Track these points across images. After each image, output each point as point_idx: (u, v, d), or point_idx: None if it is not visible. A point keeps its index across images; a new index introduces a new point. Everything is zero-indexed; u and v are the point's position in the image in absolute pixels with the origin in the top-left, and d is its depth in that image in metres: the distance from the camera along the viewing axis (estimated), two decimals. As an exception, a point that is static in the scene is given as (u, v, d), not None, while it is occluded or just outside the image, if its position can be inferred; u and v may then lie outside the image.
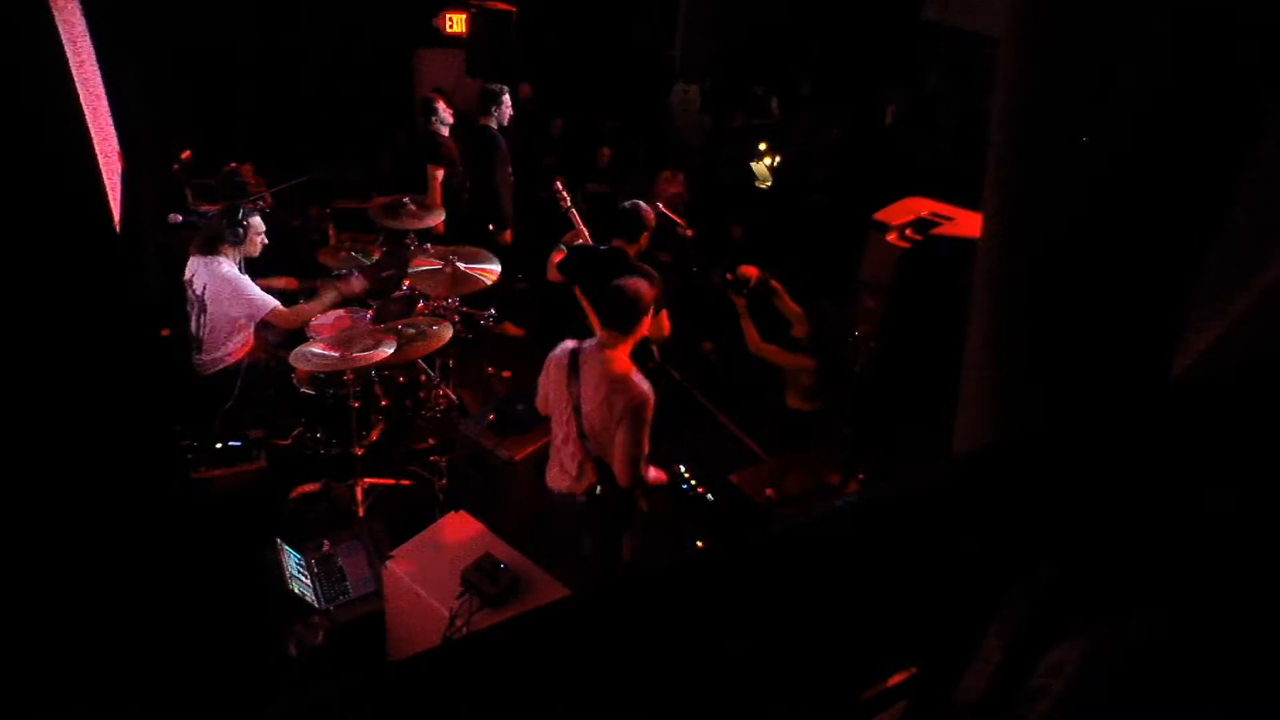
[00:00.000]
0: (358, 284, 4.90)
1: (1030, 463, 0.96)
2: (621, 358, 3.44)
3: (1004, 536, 0.92)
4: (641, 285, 3.47)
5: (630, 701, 0.68)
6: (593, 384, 3.43)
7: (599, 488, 3.56)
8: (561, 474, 3.64)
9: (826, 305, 4.46)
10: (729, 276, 4.52)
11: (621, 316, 3.43)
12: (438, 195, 6.23)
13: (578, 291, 4.12)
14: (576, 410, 3.48)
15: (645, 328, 3.53)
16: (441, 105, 6.41)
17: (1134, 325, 1.35)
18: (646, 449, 3.48)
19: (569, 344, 3.62)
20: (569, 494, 3.63)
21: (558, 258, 4.74)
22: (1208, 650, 1.30)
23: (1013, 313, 1.36)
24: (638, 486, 3.55)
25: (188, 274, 4.55)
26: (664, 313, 4.42)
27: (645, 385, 3.40)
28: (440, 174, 6.26)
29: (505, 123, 6.20)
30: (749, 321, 4.45)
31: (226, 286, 4.46)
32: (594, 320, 3.91)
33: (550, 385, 3.62)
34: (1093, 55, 1.20)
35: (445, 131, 6.37)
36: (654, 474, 3.72)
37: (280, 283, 5.15)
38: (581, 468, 3.57)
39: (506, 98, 6.14)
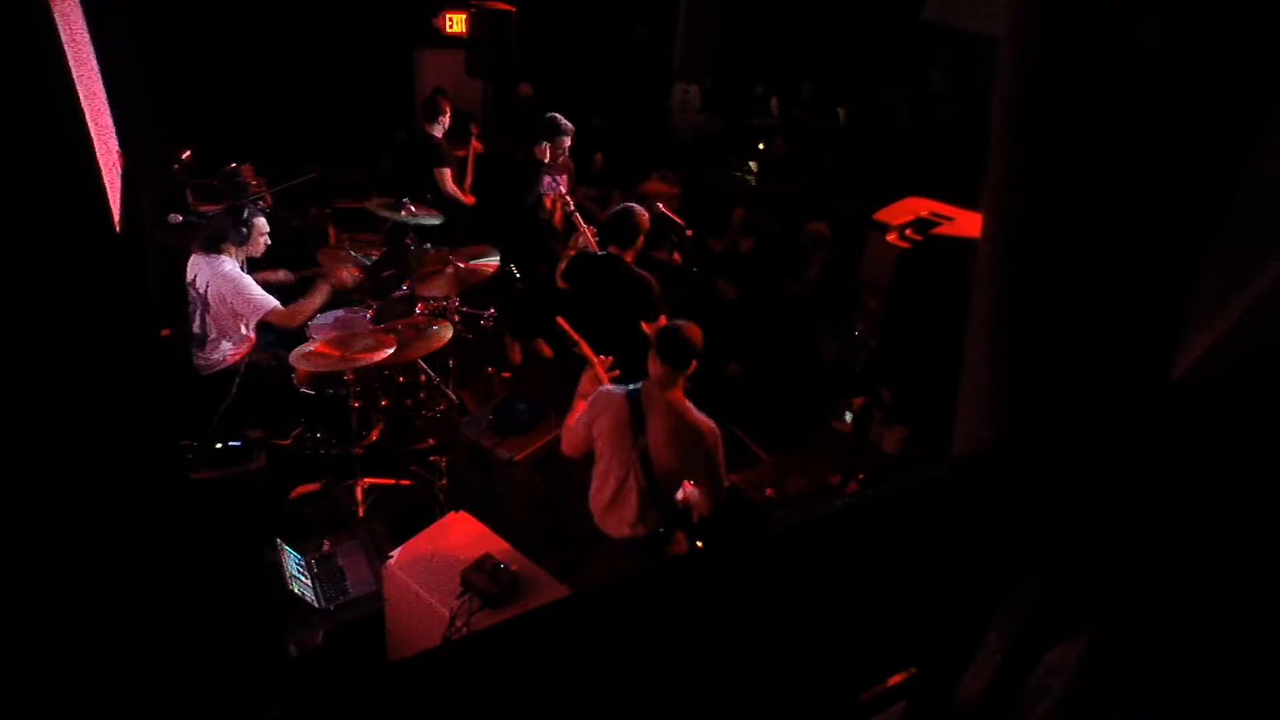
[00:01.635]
0: (347, 276, 4.84)
1: (1030, 463, 0.96)
2: (681, 398, 3.47)
3: (1004, 536, 0.92)
4: (695, 329, 3.50)
5: (630, 701, 0.68)
6: (661, 429, 3.42)
7: (662, 529, 3.56)
8: (620, 522, 3.57)
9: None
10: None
11: (678, 353, 3.44)
12: (454, 188, 6.40)
13: (565, 325, 4.06)
14: (644, 457, 3.45)
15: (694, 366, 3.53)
16: (448, 109, 6.45)
17: (1134, 325, 1.35)
18: (726, 481, 3.55)
19: (616, 390, 3.55)
20: (630, 538, 3.59)
21: (564, 265, 4.75)
22: (1208, 650, 1.30)
23: (1012, 312, 1.36)
24: (719, 511, 3.58)
25: (190, 273, 4.56)
26: (663, 317, 4.42)
27: (708, 419, 3.46)
28: (449, 173, 6.35)
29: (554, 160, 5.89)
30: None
31: (229, 285, 4.46)
32: (587, 351, 3.88)
33: (604, 429, 3.53)
34: (1093, 55, 1.20)
35: (440, 134, 6.44)
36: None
37: (278, 275, 5.15)
38: (644, 512, 3.53)
39: (567, 141, 5.78)
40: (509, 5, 7.11)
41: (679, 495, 3.62)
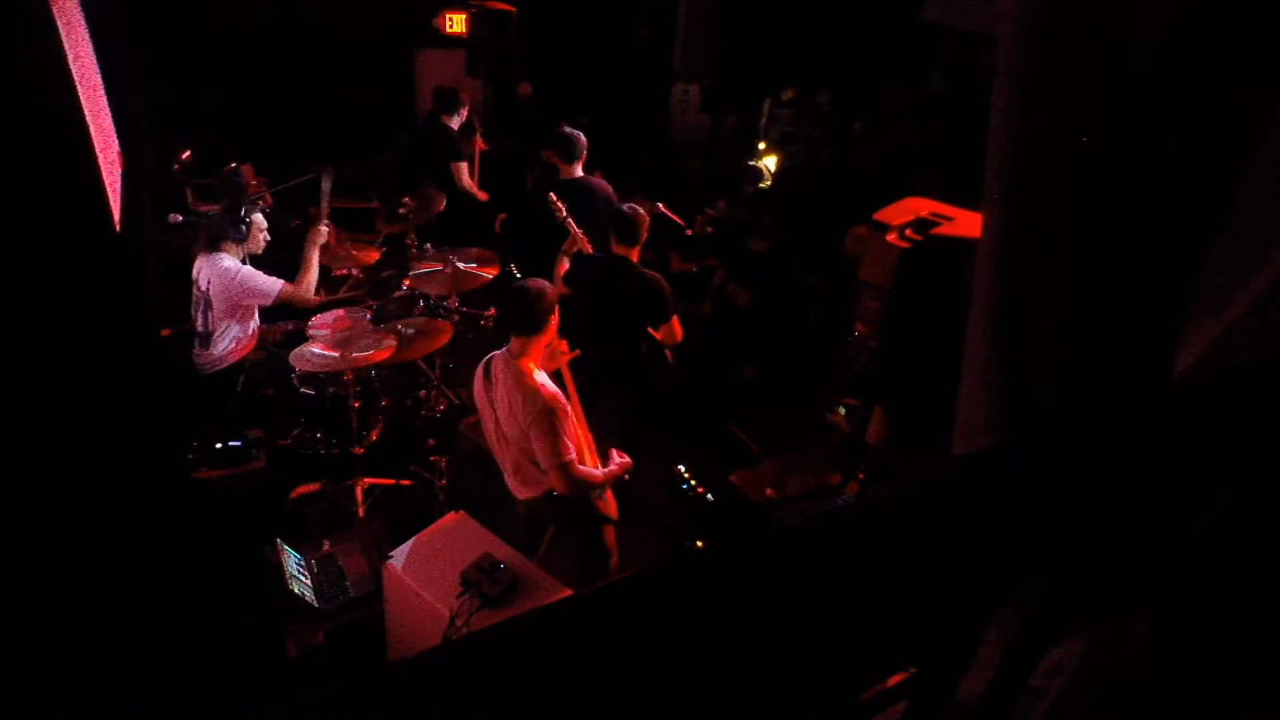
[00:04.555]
0: (325, 229, 4.80)
1: (1030, 463, 0.96)
2: (525, 364, 3.40)
3: (1004, 537, 0.92)
4: (545, 286, 3.44)
5: (630, 701, 0.68)
6: (502, 394, 3.43)
7: (554, 491, 3.52)
8: (514, 482, 3.61)
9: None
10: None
11: (523, 318, 3.39)
12: (470, 182, 6.44)
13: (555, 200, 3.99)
14: (498, 416, 3.50)
15: (552, 331, 3.47)
16: (467, 102, 6.53)
17: (1134, 325, 1.35)
18: (570, 454, 3.35)
19: (491, 354, 3.57)
20: (530, 500, 3.60)
21: (563, 269, 4.71)
22: (1207, 651, 1.30)
23: (1012, 313, 1.36)
24: (579, 490, 3.44)
25: (194, 271, 4.58)
26: (675, 318, 4.41)
27: (549, 388, 3.37)
28: (465, 167, 6.38)
29: None
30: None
31: (232, 281, 4.48)
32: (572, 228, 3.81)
33: (475, 396, 3.62)
34: (1092, 54, 1.20)
35: (456, 126, 6.48)
36: (614, 463, 3.64)
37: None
38: (522, 467, 3.54)
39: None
40: (509, 5, 7.11)
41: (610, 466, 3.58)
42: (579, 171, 5.41)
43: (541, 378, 3.41)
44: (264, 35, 7.79)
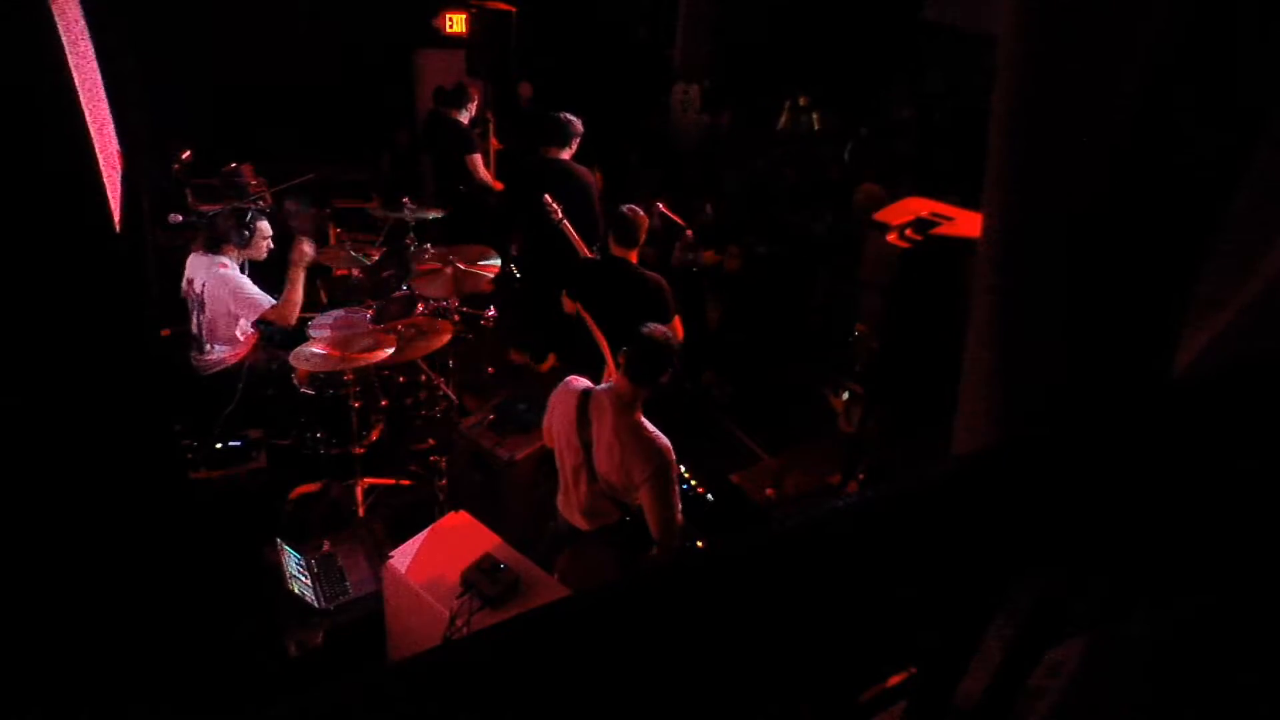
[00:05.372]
0: (307, 247, 4.68)
1: (1030, 463, 0.96)
2: (640, 416, 3.23)
3: (1005, 537, 0.92)
4: (670, 335, 3.28)
5: (629, 701, 0.68)
6: (605, 440, 3.26)
7: (626, 519, 3.42)
8: (579, 514, 3.48)
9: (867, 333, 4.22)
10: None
11: (647, 367, 3.19)
12: (486, 174, 6.42)
13: (586, 317, 3.95)
14: (589, 458, 3.32)
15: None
16: (476, 96, 6.55)
17: (1135, 324, 1.35)
18: (679, 505, 3.26)
19: (576, 383, 3.41)
20: (589, 530, 3.51)
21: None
22: (1208, 651, 1.30)
23: (1012, 312, 1.36)
24: (676, 544, 3.31)
25: (188, 273, 4.57)
26: (676, 318, 4.40)
27: (662, 440, 3.21)
28: (480, 159, 6.39)
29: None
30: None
31: (225, 286, 4.47)
32: (603, 343, 3.75)
33: (556, 424, 3.44)
34: (1094, 53, 1.20)
35: (466, 120, 6.50)
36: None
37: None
38: (597, 507, 3.42)
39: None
40: (509, 5, 7.10)
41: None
42: (565, 156, 5.42)
43: (650, 429, 3.22)
44: (264, 35, 7.79)
